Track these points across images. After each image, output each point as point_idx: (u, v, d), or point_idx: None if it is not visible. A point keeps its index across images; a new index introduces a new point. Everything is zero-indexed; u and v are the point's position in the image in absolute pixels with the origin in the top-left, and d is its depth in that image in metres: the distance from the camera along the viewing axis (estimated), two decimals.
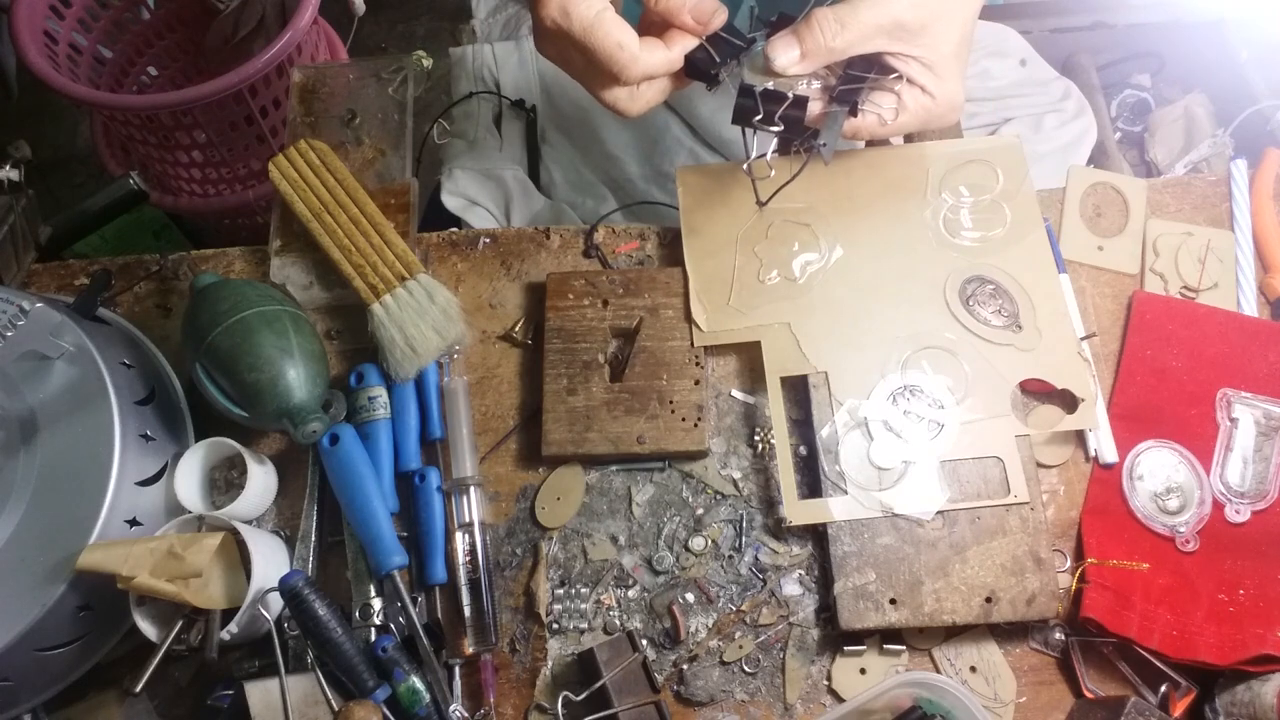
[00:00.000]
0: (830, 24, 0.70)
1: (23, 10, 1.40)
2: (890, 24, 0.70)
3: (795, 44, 0.71)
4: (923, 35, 0.71)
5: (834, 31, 0.70)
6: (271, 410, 0.75)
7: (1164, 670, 0.71)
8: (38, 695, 0.75)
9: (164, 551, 0.70)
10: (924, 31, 0.71)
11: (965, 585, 0.72)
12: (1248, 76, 1.31)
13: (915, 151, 0.87)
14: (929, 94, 0.74)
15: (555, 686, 0.74)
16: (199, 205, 1.57)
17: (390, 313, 0.81)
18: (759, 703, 0.73)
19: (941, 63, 0.73)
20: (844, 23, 0.70)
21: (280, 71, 1.40)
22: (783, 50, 0.71)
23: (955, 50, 0.73)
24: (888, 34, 0.70)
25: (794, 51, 0.71)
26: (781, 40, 0.71)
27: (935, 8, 0.71)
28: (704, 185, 0.87)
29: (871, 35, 0.70)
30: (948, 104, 0.75)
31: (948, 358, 0.79)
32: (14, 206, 0.89)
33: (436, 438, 0.81)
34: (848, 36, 0.70)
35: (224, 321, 0.76)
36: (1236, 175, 0.88)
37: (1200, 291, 0.84)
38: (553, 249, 0.90)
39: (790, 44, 0.71)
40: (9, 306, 0.75)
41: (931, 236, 0.83)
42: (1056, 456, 0.79)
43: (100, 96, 1.40)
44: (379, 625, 0.75)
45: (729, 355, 0.84)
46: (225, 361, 0.76)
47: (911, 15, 0.70)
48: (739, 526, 0.78)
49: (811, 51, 0.71)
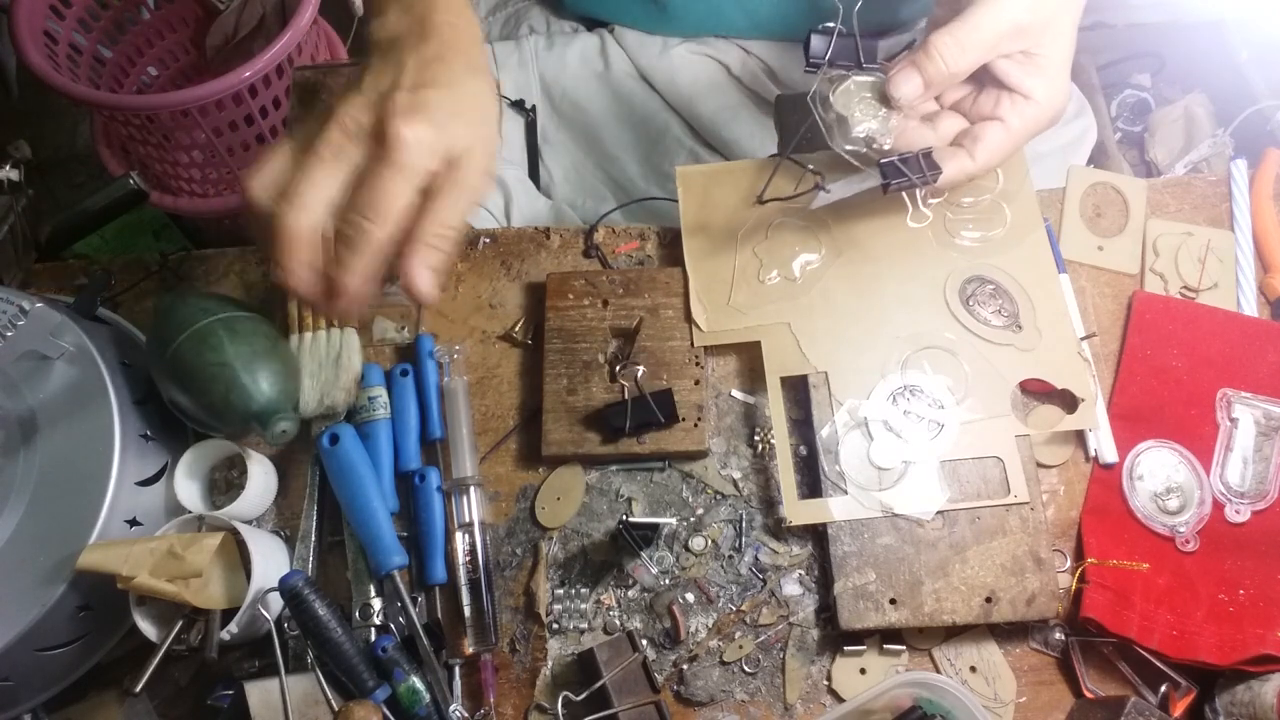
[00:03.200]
0: (950, 48, 0.68)
1: (23, 10, 1.39)
2: (1011, 30, 0.69)
3: (916, 74, 0.69)
4: (1041, 31, 0.69)
5: (956, 55, 0.68)
6: (236, 423, 0.74)
7: (1164, 670, 0.71)
8: (38, 695, 0.75)
9: (164, 551, 0.70)
10: (1045, 30, 0.69)
11: (965, 585, 0.72)
12: (1248, 76, 1.31)
13: None
14: (1033, 100, 0.71)
15: (555, 686, 0.74)
16: (199, 205, 1.57)
17: (300, 351, 0.81)
18: (759, 703, 0.73)
19: (1052, 62, 0.71)
20: (964, 44, 0.68)
21: (280, 71, 1.40)
22: (905, 82, 0.70)
23: (1068, 45, 0.71)
24: (1008, 38, 0.69)
25: (916, 81, 0.69)
26: (902, 73, 0.70)
27: (1046, 3, 0.69)
28: (704, 185, 0.87)
29: (993, 46, 0.69)
30: (1053, 106, 0.72)
31: (948, 358, 0.79)
32: (14, 206, 0.89)
33: (436, 438, 0.81)
34: (970, 56, 0.69)
35: (167, 350, 0.74)
36: (1236, 175, 0.88)
37: (1200, 291, 0.84)
38: (553, 249, 0.90)
39: (910, 75, 0.69)
40: (9, 306, 0.75)
41: (931, 236, 0.83)
42: (1056, 456, 0.79)
43: (100, 96, 1.40)
44: (379, 625, 0.75)
45: (729, 355, 0.84)
46: (180, 389, 0.75)
47: (1030, 17, 0.68)
48: (739, 526, 0.78)
49: (935, 79, 0.69)
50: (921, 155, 0.72)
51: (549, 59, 1.11)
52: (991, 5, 0.69)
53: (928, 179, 0.72)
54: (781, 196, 0.79)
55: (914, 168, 0.72)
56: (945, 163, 0.72)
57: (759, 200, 0.83)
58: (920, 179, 0.72)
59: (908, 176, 0.72)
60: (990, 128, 0.73)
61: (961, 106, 0.76)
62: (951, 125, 0.76)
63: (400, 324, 0.87)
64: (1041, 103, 0.72)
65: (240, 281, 0.91)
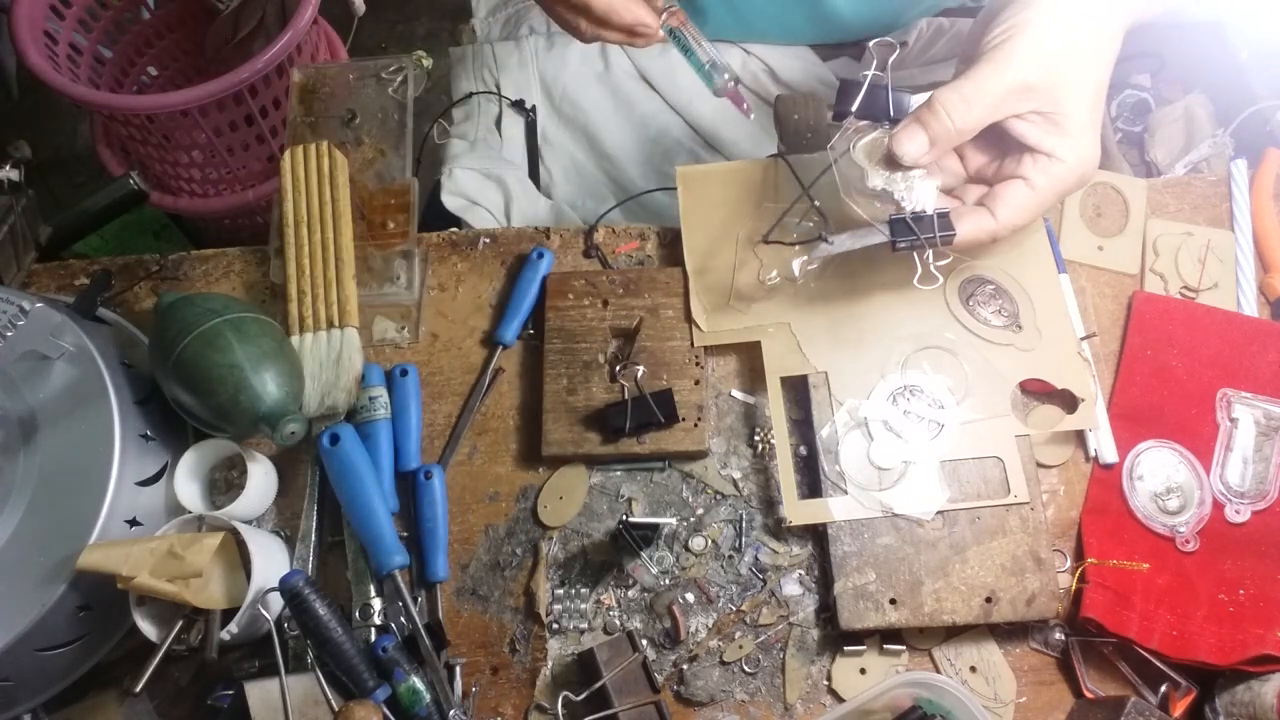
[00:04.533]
0: (956, 105, 0.66)
1: (23, 10, 1.39)
2: (1018, 87, 0.67)
3: (921, 131, 0.67)
4: (1054, 91, 0.67)
5: (961, 112, 0.66)
6: (244, 425, 0.74)
7: (1164, 670, 0.71)
8: (38, 695, 0.75)
9: (164, 551, 0.70)
10: (1055, 87, 0.67)
11: (965, 585, 0.72)
12: (1248, 76, 1.31)
13: None
14: (1057, 159, 0.69)
15: (555, 686, 0.74)
16: (199, 205, 1.57)
17: (301, 351, 0.80)
18: (759, 703, 0.73)
19: (1071, 119, 0.68)
20: (969, 100, 0.66)
21: (280, 71, 1.40)
22: (909, 141, 0.68)
23: (1091, 102, 0.68)
24: (1017, 97, 0.67)
25: (920, 140, 0.67)
26: (906, 131, 0.68)
27: (1064, 62, 0.67)
28: (704, 185, 0.87)
29: (1000, 104, 0.67)
30: (1080, 163, 0.69)
31: (948, 358, 0.79)
32: (14, 206, 0.89)
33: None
34: (976, 114, 0.67)
35: (173, 352, 0.74)
36: (1236, 175, 0.88)
37: (1200, 291, 0.84)
38: (553, 249, 0.90)
39: (915, 133, 0.67)
40: (9, 306, 0.75)
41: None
42: (1056, 456, 0.79)
43: (100, 96, 1.40)
44: (379, 625, 0.75)
45: (729, 355, 0.84)
46: (186, 391, 0.75)
47: (1038, 76, 0.66)
48: (739, 526, 0.78)
49: (940, 137, 0.67)
50: (936, 215, 0.69)
51: (549, 59, 1.11)
52: (999, 63, 0.67)
53: (938, 240, 0.69)
54: (785, 241, 0.77)
55: (925, 227, 0.69)
56: (963, 220, 0.70)
57: (764, 240, 0.81)
58: (930, 239, 0.69)
59: (917, 236, 0.69)
60: (1013, 185, 0.70)
61: (985, 174, 0.74)
62: (975, 193, 0.73)
63: (400, 324, 0.87)
64: (1067, 161, 0.69)
65: (240, 281, 0.91)
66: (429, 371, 0.85)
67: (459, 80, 1.17)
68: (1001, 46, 0.67)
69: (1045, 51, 0.67)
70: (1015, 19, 0.67)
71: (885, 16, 1.05)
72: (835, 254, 0.73)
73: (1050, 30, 0.67)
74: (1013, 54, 0.67)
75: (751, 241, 0.82)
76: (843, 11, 1.02)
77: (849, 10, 1.02)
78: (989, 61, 0.67)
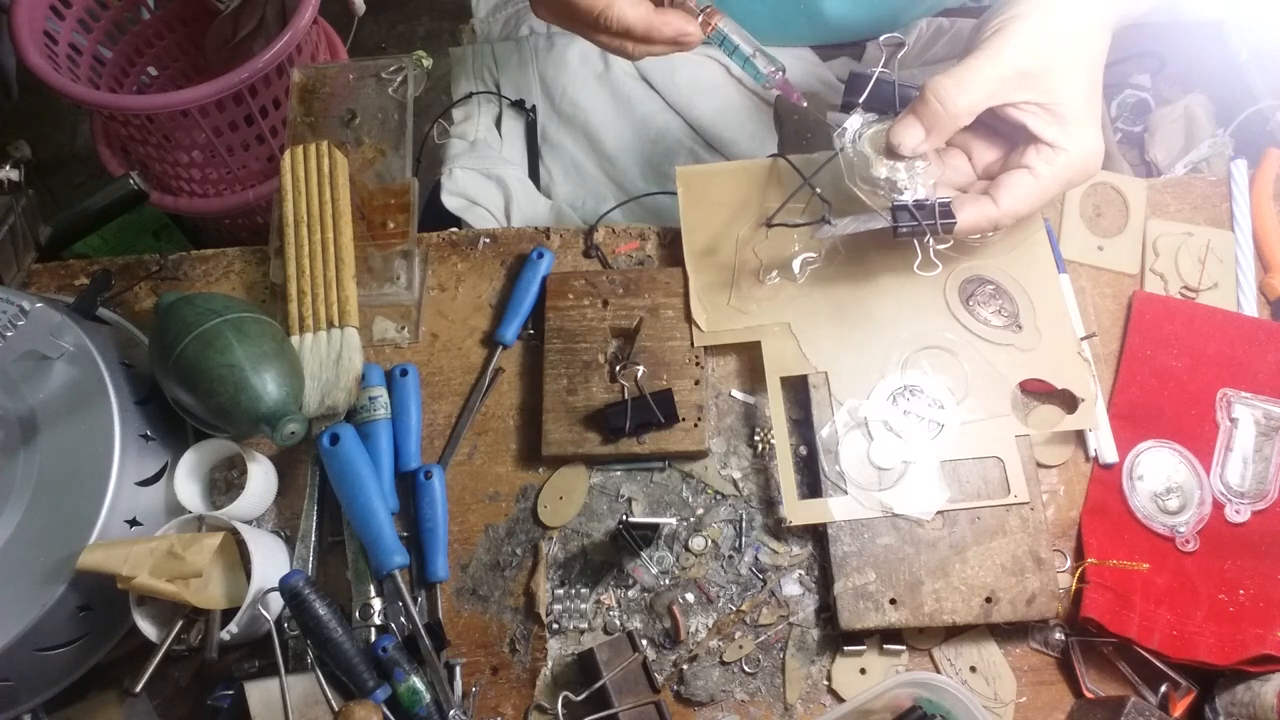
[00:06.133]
0: (947, 89, 0.67)
1: (23, 10, 1.40)
2: (1012, 74, 0.68)
3: (916, 121, 0.69)
4: (1048, 78, 0.68)
5: (954, 96, 0.67)
6: (244, 425, 0.74)
7: (1164, 670, 0.71)
8: (38, 695, 0.75)
9: (164, 551, 0.70)
10: (1049, 74, 0.68)
11: (965, 585, 0.72)
12: (1248, 76, 1.31)
13: None
14: (1060, 148, 0.70)
15: (555, 686, 0.74)
16: (199, 205, 1.57)
17: (301, 351, 0.80)
18: (759, 703, 0.73)
19: (1069, 108, 0.69)
20: (962, 84, 0.68)
21: (280, 71, 1.40)
22: (904, 131, 0.69)
23: (1086, 93, 0.69)
24: (1012, 84, 0.68)
25: (916, 129, 0.69)
26: (902, 123, 0.69)
27: (1056, 50, 0.68)
28: (704, 185, 0.87)
29: (995, 90, 0.68)
30: (1083, 154, 0.70)
31: (948, 358, 0.79)
32: (14, 206, 0.89)
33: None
34: (970, 97, 0.68)
35: (173, 352, 0.74)
36: (1236, 175, 0.88)
37: (1200, 291, 0.84)
38: (553, 249, 0.90)
39: (911, 124, 0.69)
40: (9, 306, 0.75)
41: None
42: (1056, 456, 0.79)
43: (100, 97, 1.40)
44: (379, 625, 0.75)
45: (729, 355, 0.84)
46: (186, 391, 0.75)
47: (1031, 63, 0.68)
48: (739, 526, 0.78)
49: (935, 122, 0.68)
50: (937, 203, 0.71)
51: (549, 59, 1.11)
52: (992, 50, 0.68)
53: (938, 227, 0.70)
54: (789, 223, 0.78)
55: (927, 215, 0.70)
56: (965, 207, 0.71)
57: (768, 224, 0.82)
58: (931, 226, 0.70)
59: (918, 222, 0.70)
60: (1016, 174, 0.71)
61: (992, 172, 0.75)
62: (981, 188, 0.74)
63: (400, 324, 0.87)
64: (1070, 151, 0.70)
65: (240, 281, 0.91)
66: (429, 371, 0.85)
67: (459, 80, 1.17)
68: (995, 35, 0.69)
69: (1038, 39, 0.68)
70: (1010, 12, 0.69)
71: (884, 18, 1.05)
72: (837, 236, 0.74)
73: (1044, 20, 0.68)
74: (1006, 41, 0.68)
75: (755, 229, 0.83)
76: (841, 14, 1.02)
77: (847, 13, 1.02)
78: (983, 49, 0.69)
